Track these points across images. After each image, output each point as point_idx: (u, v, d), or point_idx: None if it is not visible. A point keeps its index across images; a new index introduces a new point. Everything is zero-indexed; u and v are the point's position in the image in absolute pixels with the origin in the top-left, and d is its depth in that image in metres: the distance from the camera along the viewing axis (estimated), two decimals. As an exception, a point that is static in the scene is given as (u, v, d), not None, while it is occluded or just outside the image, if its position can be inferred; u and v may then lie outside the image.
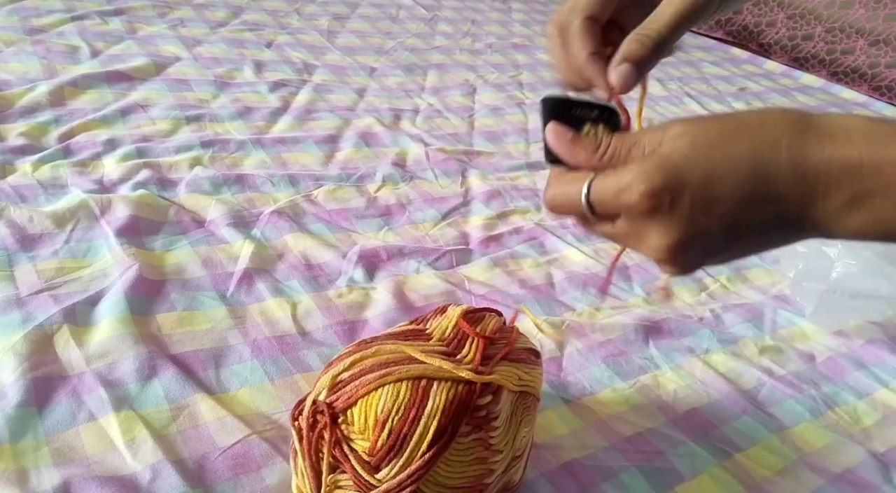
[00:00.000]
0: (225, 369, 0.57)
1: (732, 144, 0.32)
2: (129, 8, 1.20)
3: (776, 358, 0.74)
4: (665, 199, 0.33)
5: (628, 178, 0.33)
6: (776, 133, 0.32)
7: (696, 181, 0.32)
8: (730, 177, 0.32)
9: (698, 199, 0.33)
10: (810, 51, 1.86)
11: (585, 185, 0.35)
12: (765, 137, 0.32)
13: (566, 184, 0.36)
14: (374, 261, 0.74)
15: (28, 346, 0.53)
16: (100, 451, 0.48)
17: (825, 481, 0.60)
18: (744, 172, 0.32)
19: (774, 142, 0.32)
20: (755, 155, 0.32)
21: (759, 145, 0.32)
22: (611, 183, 0.34)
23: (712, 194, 0.32)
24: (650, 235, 0.34)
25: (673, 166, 0.33)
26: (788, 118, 0.33)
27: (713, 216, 0.33)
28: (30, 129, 0.80)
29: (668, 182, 0.33)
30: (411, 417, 0.40)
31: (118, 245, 0.65)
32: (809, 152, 0.31)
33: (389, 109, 1.10)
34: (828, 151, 0.31)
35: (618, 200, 0.34)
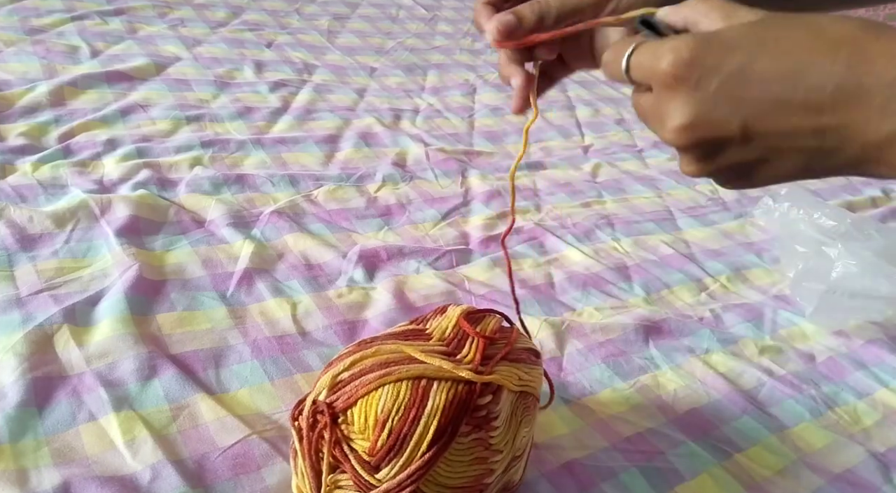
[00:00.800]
0: (225, 369, 0.57)
1: (787, 37, 0.29)
2: (129, 8, 1.20)
3: (776, 358, 0.74)
4: (692, 74, 0.30)
5: (669, 44, 0.32)
6: (841, 32, 0.28)
7: (731, 65, 0.30)
8: (770, 70, 0.29)
9: (728, 85, 0.30)
10: (810, 51, 1.86)
11: (633, 45, 0.34)
12: (826, 34, 0.28)
13: (622, 44, 0.35)
14: (374, 261, 0.74)
15: (28, 346, 0.53)
16: (100, 451, 0.48)
17: (825, 481, 0.60)
18: (788, 67, 0.29)
19: (836, 41, 0.28)
20: (807, 52, 0.28)
21: (816, 41, 0.28)
22: (652, 47, 0.33)
23: (745, 84, 0.30)
24: (668, 111, 0.32)
25: (715, 43, 0.30)
26: (864, 20, 0.29)
27: (739, 110, 0.30)
28: (30, 129, 0.80)
29: (701, 58, 0.30)
30: (411, 417, 0.40)
31: (118, 245, 0.65)
32: (874, 58, 0.27)
33: (389, 109, 1.10)
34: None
35: (651, 64, 0.32)
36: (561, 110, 1.26)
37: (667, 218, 0.97)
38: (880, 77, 0.27)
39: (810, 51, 0.28)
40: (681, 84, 0.31)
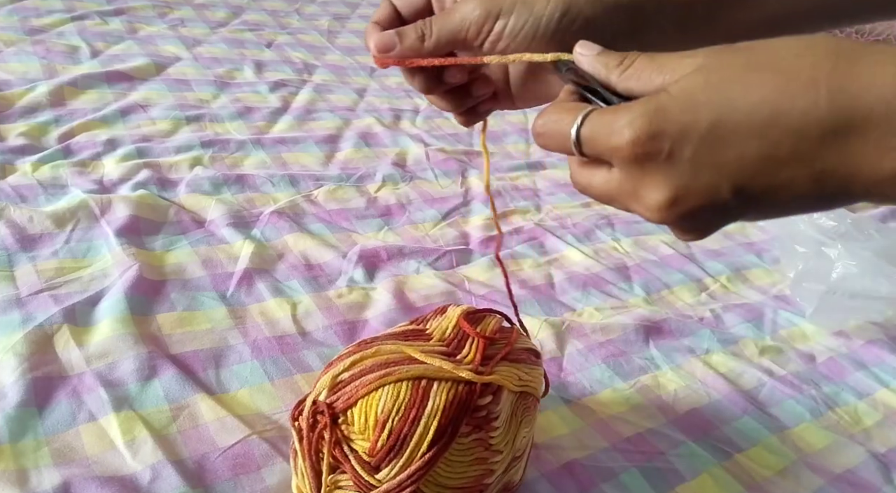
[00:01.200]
0: (225, 369, 0.57)
1: (755, 83, 0.26)
2: (129, 8, 1.20)
3: (776, 358, 0.74)
4: (660, 146, 0.27)
5: (624, 117, 0.28)
6: (814, 67, 0.25)
7: (701, 128, 0.27)
8: (745, 125, 0.26)
9: (703, 150, 0.27)
10: (810, 51, 1.86)
11: (581, 115, 0.30)
12: (799, 72, 0.25)
13: (562, 111, 0.31)
14: (374, 261, 0.74)
15: (28, 346, 0.53)
16: (100, 451, 0.48)
17: (825, 481, 0.60)
18: (764, 119, 0.26)
19: (810, 79, 0.25)
20: (781, 96, 0.25)
21: (789, 83, 0.25)
22: (606, 119, 0.29)
23: (722, 146, 0.27)
24: (644, 189, 0.29)
25: (676, 110, 0.27)
26: (835, 46, 0.26)
27: (723, 173, 0.27)
28: (30, 129, 0.80)
29: (666, 128, 0.27)
30: (411, 417, 0.40)
31: (118, 245, 0.65)
32: (859, 92, 0.24)
33: (389, 109, 1.10)
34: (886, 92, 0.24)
35: (609, 140, 0.29)
36: (561, 110, 1.26)
37: (667, 218, 0.97)
38: (869, 111, 0.24)
39: (784, 95, 0.25)
40: (650, 159, 0.28)
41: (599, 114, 0.30)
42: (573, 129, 0.30)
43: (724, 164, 0.27)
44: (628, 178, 0.29)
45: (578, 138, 0.30)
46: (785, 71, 0.26)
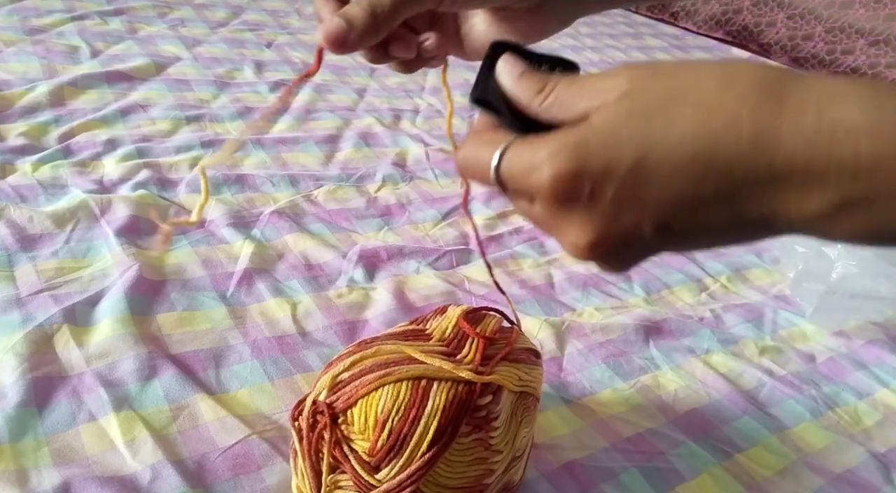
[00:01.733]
0: (225, 369, 0.57)
1: (678, 117, 0.25)
2: (129, 8, 1.20)
3: (776, 358, 0.73)
4: (583, 187, 0.26)
5: (543, 153, 0.27)
6: (738, 102, 0.24)
7: (623, 167, 0.26)
8: (668, 163, 0.25)
9: (625, 190, 0.26)
10: (810, 51, 1.86)
11: (499, 151, 0.29)
12: (722, 106, 0.24)
13: (481, 144, 0.30)
14: (374, 261, 0.74)
15: (28, 346, 0.53)
16: (100, 451, 0.48)
17: (825, 481, 0.60)
18: (687, 156, 0.25)
19: (733, 115, 0.24)
20: (704, 132, 0.24)
21: (712, 119, 0.24)
22: (524, 156, 0.28)
23: (644, 185, 0.26)
24: (567, 228, 0.28)
25: (598, 145, 0.26)
26: (760, 79, 0.25)
27: (646, 213, 0.26)
28: (30, 129, 0.80)
29: (588, 166, 0.26)
30: (411, 417, 0.40)
31: (118, 245, 0.65)
32: (781, 131, 0.24)
33: (389, 109, 1.10)
34: (809, 134, 0.23)
35: (528, 179, 0.28)
36: (561, 110, 1.26)
37: (667, 218, 0.97)
38: (792, 155, 0.23)
39: (706, 132, 0.24)
40: (571, 201, 0.27)
41: (518, 148, 0.28)
42: (492, 166, 0.29)
43: (646, 203, 0.26)
44: (550, 215, 0.29)
45: (498, 176, 0.29)
46: (708, 105, 0.25)
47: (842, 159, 0.23)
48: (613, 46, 1.73)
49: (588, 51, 1.64)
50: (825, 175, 0.23)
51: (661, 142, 0.25)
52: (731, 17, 2.03)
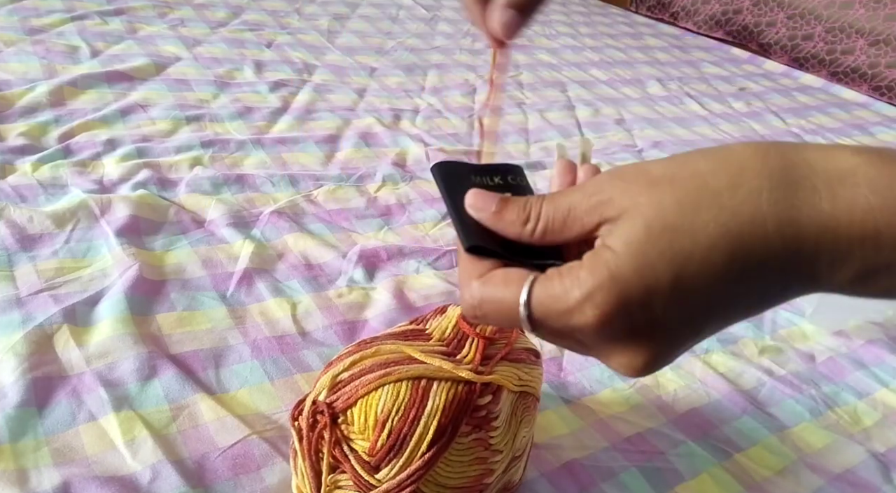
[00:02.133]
0: (225, 369, 0.57)
1: (701, 225, 0.25)
2: (129, 8, 1.20)
3: (776, 358, 0.74)
4: (631, 319, 0.26)
5: (577, 293, 0.26)
6: (754, 198, 0.25)
7: (664, 287, 0.25)
8: (705, 272, 0.25)
9: (673, 308, 0.26)
10: (810, 51, 1.86)
11: (525, 291, 0.27)
12: (741, 205, 0.25)
13: (497, 286, 0.28)
14: (374, 261, 0.74)
15: (28, 346, 0.53)
16: (100, 451, 0.48)
17: (825, 481, 0.60)
18: (722, 263, 0.25)
19: (754, 212, 0.25)
20: (732, 236, 0.25)
21: (735, 220, 0.25)
22: (557, 296, 0.26)
23: (689, 299, 0.26)
24: (620, 355, 0.27)
25: (632, 273, 0.25)
26: (766, 168, 0.25)
27: (697, 324, 0.26)
28: (30, 129, 0.80)
29: (630, 298, 0.25)
30: (411, 417, 0.40)
31: (118, 245, 0.65)
32: (802, 220, 0.24)
33: (389, 109, 1.10)
34: (827, 216, 0.24)
35: (569, 321, 0.26)
36: (561, 110, 1.26)
37: (667, 218, 0.97)
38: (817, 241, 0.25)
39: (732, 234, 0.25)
40: (622, 334, 0.26)
41: (546, 286, 0.27)
42: (521, 306, 0.27)
43: (695, 315, 0.26)
44: (599, 349, 0.28)
45: (531, 316, 0.27)
46: (725, 208, 0.25)
47: (864, 236, 0.24)
48: (613, 46, 1.73)
49: (588, 51, 1.64)
50: (850, 252, 0.24)
51: (694, 254, 0.25)
52: (731, 17, 2.03)
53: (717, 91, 1.56)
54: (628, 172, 0.27)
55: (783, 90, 1.67)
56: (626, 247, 0.26)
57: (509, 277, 0.28)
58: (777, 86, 1.70)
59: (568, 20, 1.88)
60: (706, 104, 1.45)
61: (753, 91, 1.61)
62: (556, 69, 1.46)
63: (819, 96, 1.67)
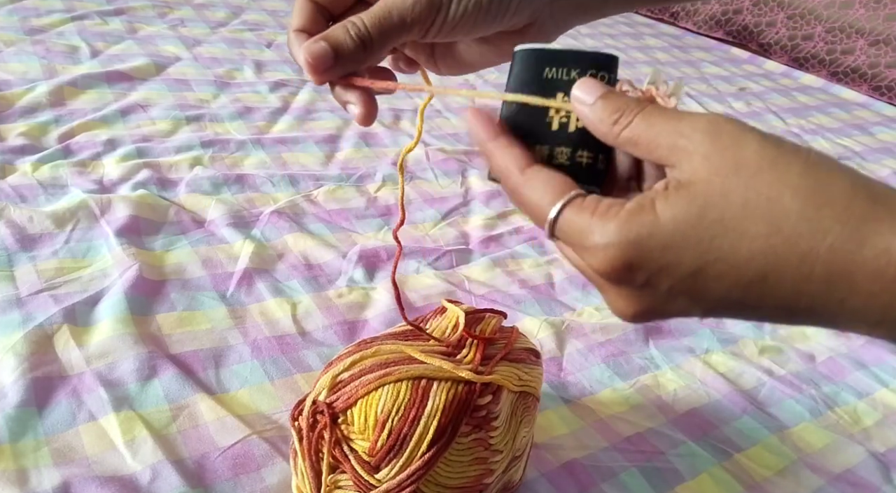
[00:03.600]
0: (225, 369, 0.57)
1: (751, 235, 0.24)
2: (129, 8, 1.20)
3: (776, 358, 0.74)
4: (635, 277, 0.26)
5: (597, 239, 0.26)
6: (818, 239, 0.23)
7: (682, 271, 0.25)
8: (729, 277, 0.25)
9: (681, 289, 0.26)
10: (810, 51, 1.86)
11: (556, 209, 0.28)
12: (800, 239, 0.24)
13: (536, 188, 0.28)
14: (374, 261, 0.74)
15: (28, 346, 0.53)
16: (100, 451, 0.48)
17: (825, 481, 0.60)
18: (750, 277, 0.24)
19: (809, 252, 0.23)
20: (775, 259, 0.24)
21: (786, 249, 0.24)
22: (581, 229, 0.27)
23: (701, 288, 0.26)
24: (613, 296, 0.28)
25: (658, 247, 0.25)
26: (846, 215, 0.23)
27: (699, 305, 0.27)
28: (30, 129, 0.80)
29: (644, 263, 0.26)
30: (411, 417, 0.40)
31: (118, 245, 0.65)
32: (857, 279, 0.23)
33: (389, 109, 1.10)
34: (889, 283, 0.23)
35: (582, 254, 0.27)
36: (561, 110, 1.26)
37: (667, 218, 0.97)
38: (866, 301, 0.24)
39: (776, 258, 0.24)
40: (621, 283, 0.27)
41: (576, 213, 0.27)
42: (546, 225, 0.28)
43: (700, 300, 0.26)
44: (598, 282, 0.29)
45: (552, 234, 0.28)
46: (785, 232, 0.24)
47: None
48: (613, 46, 1.73)
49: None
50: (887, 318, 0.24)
51: (727, 258, 0.25)
52: (731, 17, 2.03)
53: (717, 91, 1.56)
54: (726, 134, 0.26)
55: (783, 90, 1.67)
56: (669, 222, 0.25)
57: (550, 184, 0.28)
58: (777, 86, 1.70)
59: (568, 20, 1.88)
60: (706, 104, 1.45)
61: (753, 91, 1.61)
62: (556, 69, 1.46)
63: (819, 96, 1.67)
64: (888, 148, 1.42)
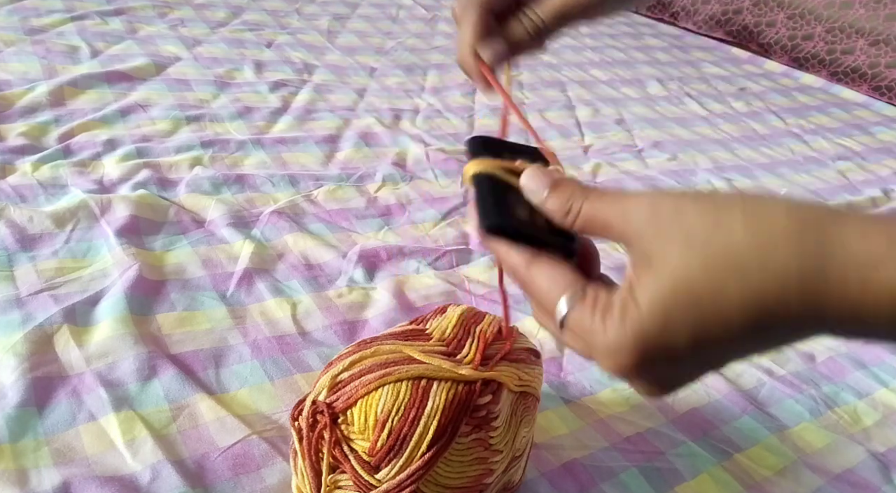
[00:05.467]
0: (225, 369, 0.57)
1: (726, 296, 0.26)
2: (129, 8, 1.20)
3: (776, 358, 0.73)
4: (644, 371, 0.28)
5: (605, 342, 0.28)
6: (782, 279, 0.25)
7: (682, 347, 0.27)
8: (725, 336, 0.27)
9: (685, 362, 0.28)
10: (810, 51, 1.86)
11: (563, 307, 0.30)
12: (768, 283, 0.25)
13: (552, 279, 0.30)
14: (374, 261, 0.74)
15: (28, 346, 0.53)
16: (100, 451, 0.48)
17: (825, 481, 0.60)
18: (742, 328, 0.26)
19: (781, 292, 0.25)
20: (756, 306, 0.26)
21: (761, 297, 0.25)
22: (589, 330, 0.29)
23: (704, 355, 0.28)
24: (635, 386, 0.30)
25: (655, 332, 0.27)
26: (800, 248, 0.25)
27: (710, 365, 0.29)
28: (30, 129, 0.80)
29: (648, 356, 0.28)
30: (411, 417, 0.40)
31: (118, 245, 0.65)
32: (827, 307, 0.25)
33: (389, 109, 1.10)
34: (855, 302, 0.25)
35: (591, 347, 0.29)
36: (561, 110, 1.26)
37: (667, 218, 0.97)
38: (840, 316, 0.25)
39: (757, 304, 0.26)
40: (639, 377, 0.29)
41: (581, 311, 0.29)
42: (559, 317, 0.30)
43: (711, 360, 0.28)
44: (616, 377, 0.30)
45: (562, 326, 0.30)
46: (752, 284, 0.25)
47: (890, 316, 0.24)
48: (613, 46, 1.73)
49: (588, 51, 1.64)
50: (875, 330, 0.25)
51: (716, 321, 0.26)
52: (731, 17, 2.03)
53: (717, 91, 1.56)
54: (665, 214, 0.28)
55: (783, 90, 1.67)
56: (651, 307, 0.27)
57: (553, 280, 0.30)
58: (777, 86, 1.70)
59: (568, 20, 1.88)
60: (706, 104, 1.45)
61: (753, 91, 1.61)
62: (556, 69, 1.46)
63: (819, 96, 1.67)
64: (888, 148, 1.42)
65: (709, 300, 0.26)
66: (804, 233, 0.25)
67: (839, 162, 1.29)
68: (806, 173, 1.22)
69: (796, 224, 0.25)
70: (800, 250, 0.25)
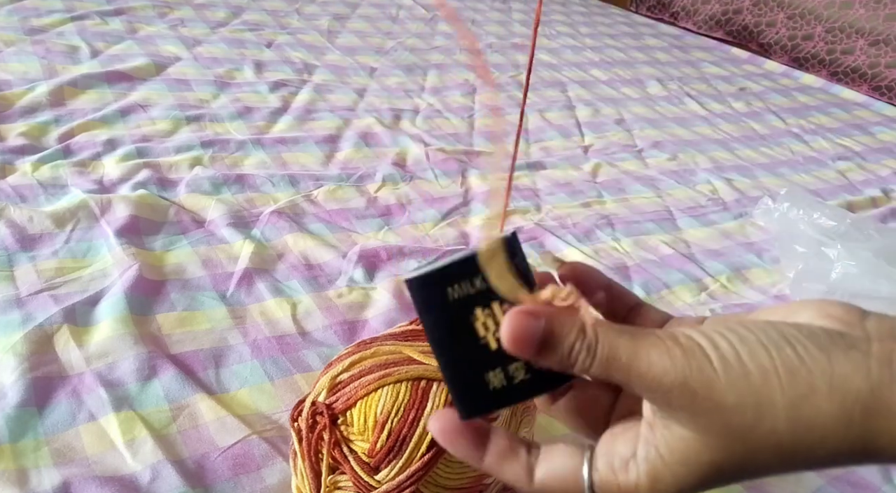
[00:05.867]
0: (225, 369, 0.57)
1: (755, 462, 0.26)
2: (129, 8, 1.20)
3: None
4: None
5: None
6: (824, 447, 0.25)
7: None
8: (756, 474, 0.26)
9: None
10: (810, 51, 1.86)
11: (585, 466, 0.28)
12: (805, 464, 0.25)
13: (564, 456, 0.29)
14: (374, 261, 0.74)
15: (28, 346, 0.53)
16: (100, 451, 0.48)
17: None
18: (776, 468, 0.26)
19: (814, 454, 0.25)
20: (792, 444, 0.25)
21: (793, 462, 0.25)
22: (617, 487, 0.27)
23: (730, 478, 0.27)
24: None
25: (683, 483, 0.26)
26: (846, 444, 0.24)
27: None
28: (30, 129, 0.80)
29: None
30: (411, 418, 0.40)
31: (118, 245, 0.65)
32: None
33: (389, 109, 1.10)
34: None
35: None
36: (561, 110, 1.26)
37: (667, 218, 0.97)
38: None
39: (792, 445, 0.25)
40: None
41: (607, 482, 0.27)
42: (585, 484, 0.28)
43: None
44: None
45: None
46: (786, 459, 0.25)
47: None
48: (613, 46, 1.73)
49: (588, 51, 1.64)
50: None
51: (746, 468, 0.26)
52: (731, 17, 2.03)
53: (717, 91, 1.56)
54: (699, 379, 0.24)
55: (783, 90, 1.67)
56: (689, 465, 0.26)
57: (560, 480, 0.28)
58: (777, 86, 1.70)
59: (568, 20, 1.88)
60: (706, 104, 1.45)
61: (753, 91, 1.61)
62: (556, 69, 1.46)
63: (819, 96, 1.67)
64: (888, 148, 1.42)
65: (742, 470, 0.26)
66: (851, 426, 0.24)
67: (839, 162, 1.29)
68: (806, 173, 1.22)
69: (841, 417, 0.24)
70: (839, 447, 0.24)
